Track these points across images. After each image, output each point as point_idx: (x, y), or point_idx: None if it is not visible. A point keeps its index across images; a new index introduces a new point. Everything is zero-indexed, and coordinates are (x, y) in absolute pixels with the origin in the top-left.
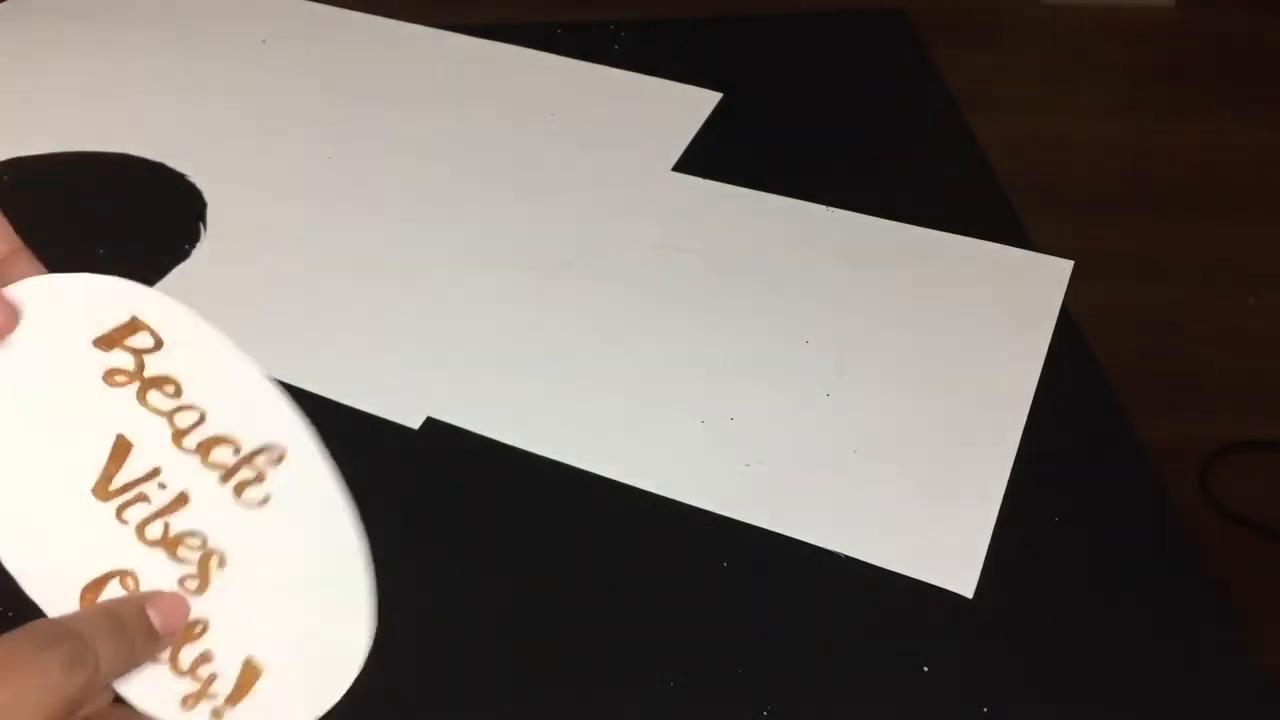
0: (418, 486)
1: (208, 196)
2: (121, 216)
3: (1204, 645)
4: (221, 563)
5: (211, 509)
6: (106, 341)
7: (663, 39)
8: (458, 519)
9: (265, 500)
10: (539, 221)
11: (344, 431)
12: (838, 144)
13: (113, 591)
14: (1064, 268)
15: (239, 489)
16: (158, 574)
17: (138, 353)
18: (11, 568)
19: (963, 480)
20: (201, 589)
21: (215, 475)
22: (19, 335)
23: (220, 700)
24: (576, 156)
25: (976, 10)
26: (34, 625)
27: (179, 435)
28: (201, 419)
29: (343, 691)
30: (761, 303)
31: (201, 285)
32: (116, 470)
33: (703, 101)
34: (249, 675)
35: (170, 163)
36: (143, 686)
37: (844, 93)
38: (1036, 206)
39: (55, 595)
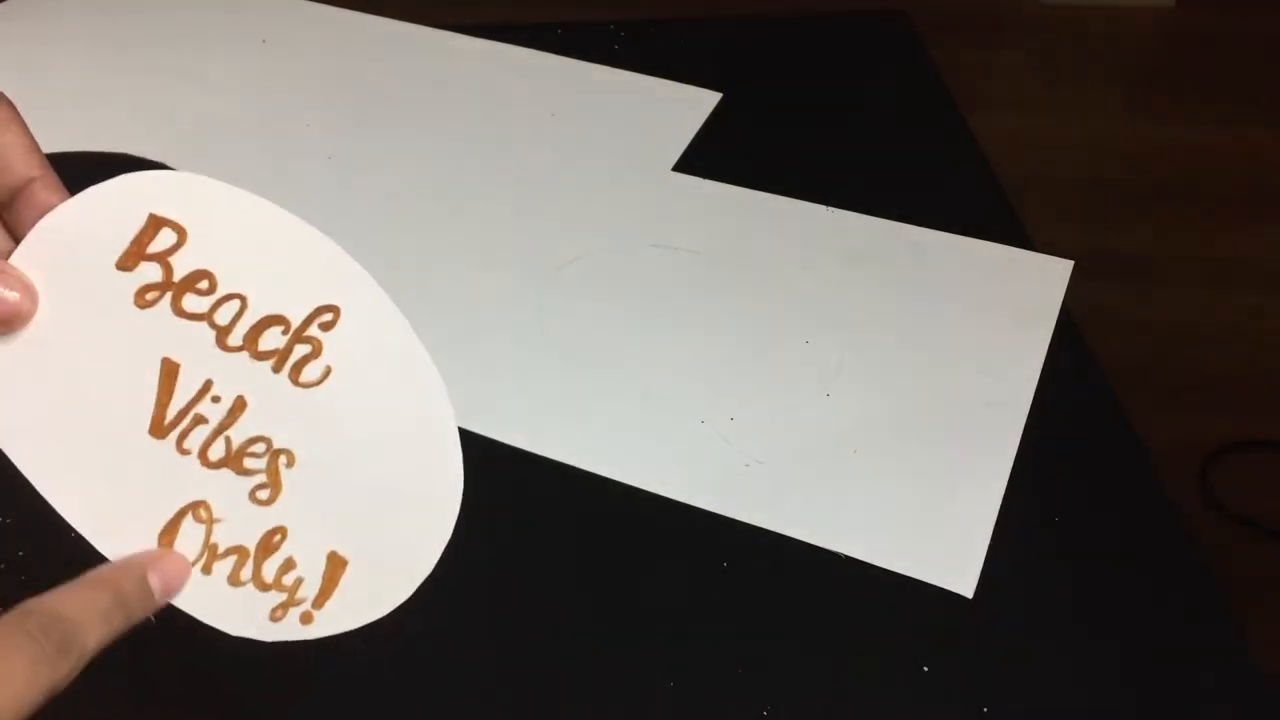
0: None
1: None
2: None
3: (1204, 645)
4: (290, 461)
5: (270, 405)
6: (129, 258)
7: (663, 39)
8: (457, 519)
9: (325, 374)
10: (539, 221)
11: None
12: (838, 144)
13: (188, 530)
14: (1064, 268)
15: (295, 371)
16: (228, 495)
17: (162, 257)
18: (83, 529)
19: (962, 480)
20: (274, 495)
21: (267, 366)
22: (44, 292)
23: (308, 603)
24: (576, 156)
25: (976, 10)
26: (25, 610)
27: (222, 334)
28: (243, 305)
29: (438, 556)
30: (761, 303)
31: None
32: (168, 399)
33: (703, 101)
34: (333, 570)
35: (170, 163)
36: (229, 612)
37: (844, 93)
38: (1036, 206)
39: (129, 548)
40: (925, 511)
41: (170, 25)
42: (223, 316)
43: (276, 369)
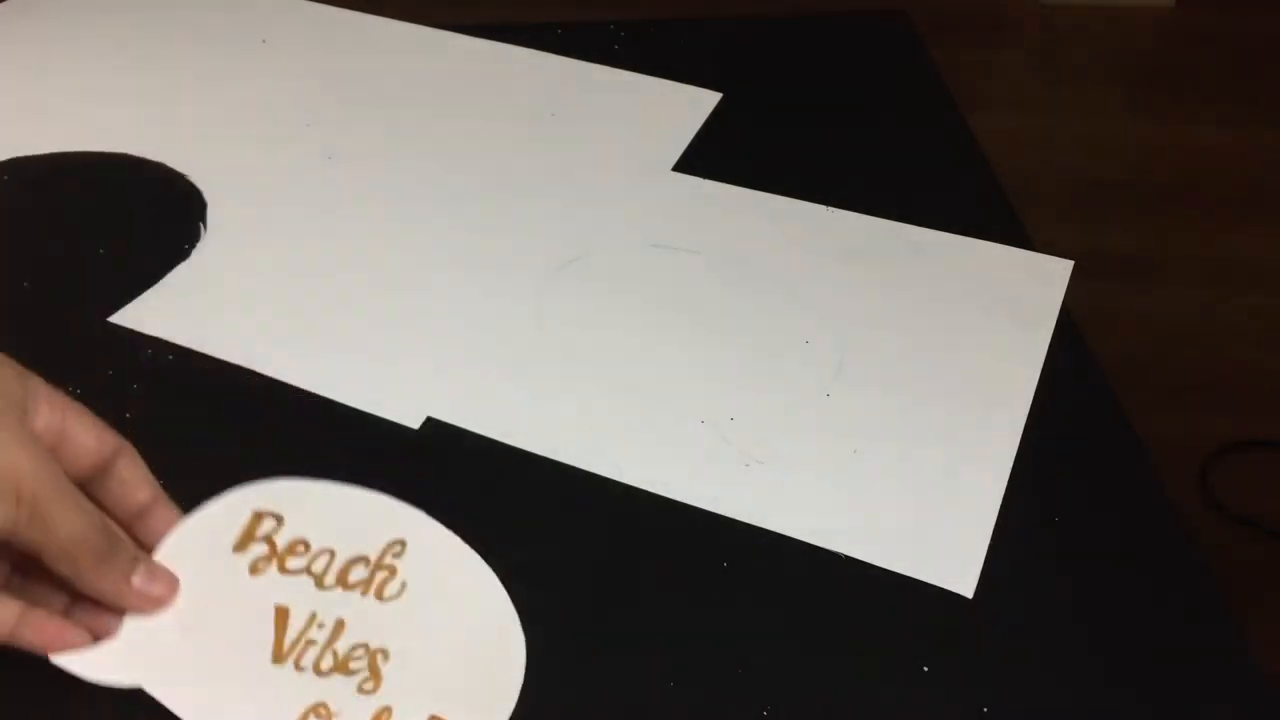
0: (418, 486)
1: (208, 196)
2: (122, 216)
3: (1204, 645)
4: (385, 657)
5: (364, 619)
6: (242, 543)
7: (663, 39)
8: (457, 519)
9: (403, 588)
10: (539, 221)
11: (344, 432)
12: (838, 144)
13: None
14: (1064, 268)
15: (379, 592)
16: (341, 694)
17: (268, 538)
18: None
19: (963, 480)
20: (376, 685)
21: (357, 593)
22: (183, 576)
23: None
24: (576, 156)
25: (976, 10)
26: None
27: (320, 579)
28: (332, 556)
29: (518, 690)
30: (761, 302)
31: (201, 285)
32: (284, 634)
33: (703, 101)
34: None
35: (170, 163)
36: None
37: (844, 93)
38: (1036, 206)
39: None
40: (925, 511)
41: (170, 25)
42: (318, 566)
43: (364, 593)
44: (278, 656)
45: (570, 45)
